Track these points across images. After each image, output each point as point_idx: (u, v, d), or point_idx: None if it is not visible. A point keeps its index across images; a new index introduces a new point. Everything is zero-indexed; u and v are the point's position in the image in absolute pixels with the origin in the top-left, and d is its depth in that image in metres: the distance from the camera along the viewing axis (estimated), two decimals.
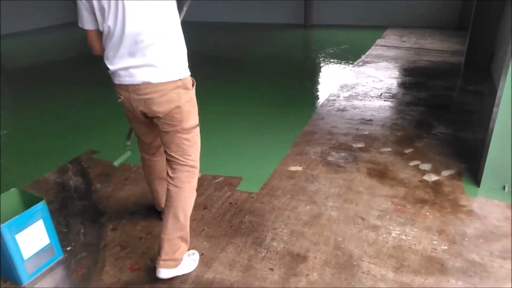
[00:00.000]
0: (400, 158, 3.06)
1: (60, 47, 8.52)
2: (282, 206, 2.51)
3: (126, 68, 1.73)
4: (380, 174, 2.84)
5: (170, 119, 1.82)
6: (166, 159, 1.96)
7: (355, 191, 2.65)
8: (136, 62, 1.71)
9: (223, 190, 2.71)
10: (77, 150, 3.41)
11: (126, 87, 1.78)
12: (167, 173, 1.94)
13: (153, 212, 2.48)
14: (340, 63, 6.19)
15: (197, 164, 1.97)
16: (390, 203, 2.51)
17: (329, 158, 3.10)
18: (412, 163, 2.97)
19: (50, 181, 2.93)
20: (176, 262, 1.91)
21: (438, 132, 3.50)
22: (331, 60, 6.43)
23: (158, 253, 1.90)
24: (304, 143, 3.38)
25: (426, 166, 2.92)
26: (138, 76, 1.73)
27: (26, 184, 2.88)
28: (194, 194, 1.98)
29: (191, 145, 1.91)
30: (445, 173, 2.83)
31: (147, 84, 1.74)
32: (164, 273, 1.89)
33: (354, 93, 4.64)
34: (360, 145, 3.30)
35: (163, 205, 2.33)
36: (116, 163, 2.83)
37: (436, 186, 2.67)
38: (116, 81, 1.80)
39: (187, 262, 2.01)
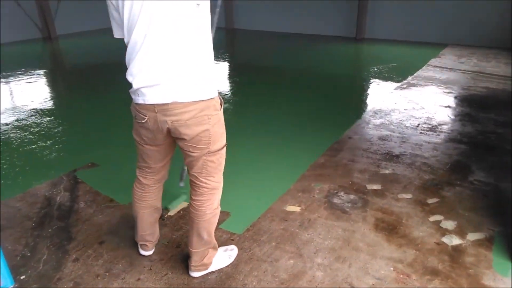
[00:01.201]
0: (419, 210, 2.58)
1: (112, 48, 8.81)
2: (262, 256, 2.18)
3: (152, 86, 1.59)
4: (390, 228, 2.41)
5: (197, 142, 1.70)
6: (190, 179, 1.88)
7: (353, 246, 2.24)
8: (164, 79, 1.57)
9: None
10: (81, 161, 3.34)
11: (153, 107, 1.63)
12: (190, 195, 1.90)
13: (123, 244, 2.28)
14: (381, 84, 5.67)
15: (219, 184, 1.90)
16: (391, 268, 2.08)
17: (335, 200, 2.70)
18: (432, 218, 2.49)
19: (39, 194, 2.85)
20: (206, 266, 2.01)
21: (476, 179, 2.95)
22: (373, 80, 5.92)
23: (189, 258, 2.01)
24: (312, 177, 3.02)
25: (449, 224, 2.43)
26: (166, 95, 1.59)
27: (17, 195, 2.84)
28: (217, 213, 1.95)
29: (215, 166, 1.82)
30: (472, 236, 2.32)
31: (176, 103, 1.60)
32: (195, 274, 2.02)
33: (387, 121, 4.15)
34: (375, 186, 2.86)
35: (147, 238, 2.14)
36: (171, 211, 2.62)
37: (456, 254, 2.18)
38: (140, 100, 1.65)
39: (221, 258, 2.08)
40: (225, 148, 1.84)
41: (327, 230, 2.39)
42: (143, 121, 1.71)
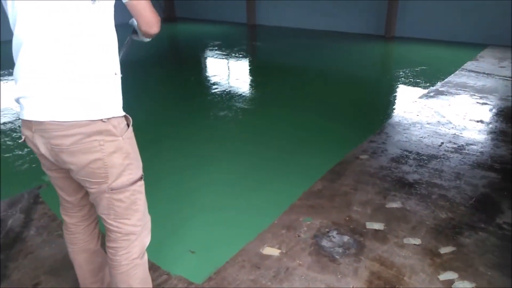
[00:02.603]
0: (428, 262, 2.06)
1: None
2: None
3: (30, 97, 1.25)
4: (386, 287, 1.91)
5: (89, 175, 1.32)
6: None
7: None
8: (41, 90, 1.22)
9: (158, 272, 2.04)
10: None
11: (30, 124, 1.29)
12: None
13: None
14: (406, 90, 5.06)
15: (138, 228, 1.47)
16: None
17: (324, 242, 2.23)
18: (443, 276, 1.97)
19: None
20: None
21: (505, 222, 2.37)
22: (397, 85, 5.31)
23: None
24: (302, 209, 2.55)
25: (464, 286, 1.90)
26: (42, 110, 1.24)
27: None
28: (137, 264, 1.50)
29: (126, 206, 1.41)
30: None
31: (55, 124, 1.23)
32: None
33: (406, 137, 3.59)
34: (377, 226, 2.36)
35: (91, 287, 1.77)
36: None
37: None
38: (20, 114, 1.33)
39: None
40: (140, 183, 1.45)
41: (307, 284, 1.93)
42: (20, 141, 1.42)
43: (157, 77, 6.19)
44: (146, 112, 4.42)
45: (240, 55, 7.47)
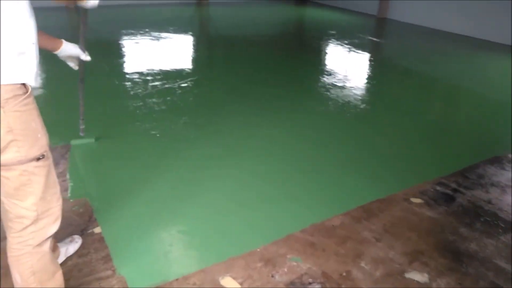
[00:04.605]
0: None
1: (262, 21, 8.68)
2: None
3: None
4: None
5: None
6: None
7: None
8: None
9: (106, 264, 1.91)
10: (90, 132, 3.16)
11: None
12: None
13: None
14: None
15: (33, 214, 1.33)
16: None
17: None
18: None
19: None
20: None
21: None
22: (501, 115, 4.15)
23: None
24: (299, 243, 2.11)
25: None
26: None
27: None
28: (35, 254, 1.39)
29: (16, 187, 1.29)
30: None
31: None
32: None
33: (491, 190, 2.72)
34: None
35: None
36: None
37: None
38: None
39: None
40: (36, 164, 1.28)
41: None
42: None
43: (252, 56, 6.06)
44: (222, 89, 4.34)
45: (347, 49, 6.81)
